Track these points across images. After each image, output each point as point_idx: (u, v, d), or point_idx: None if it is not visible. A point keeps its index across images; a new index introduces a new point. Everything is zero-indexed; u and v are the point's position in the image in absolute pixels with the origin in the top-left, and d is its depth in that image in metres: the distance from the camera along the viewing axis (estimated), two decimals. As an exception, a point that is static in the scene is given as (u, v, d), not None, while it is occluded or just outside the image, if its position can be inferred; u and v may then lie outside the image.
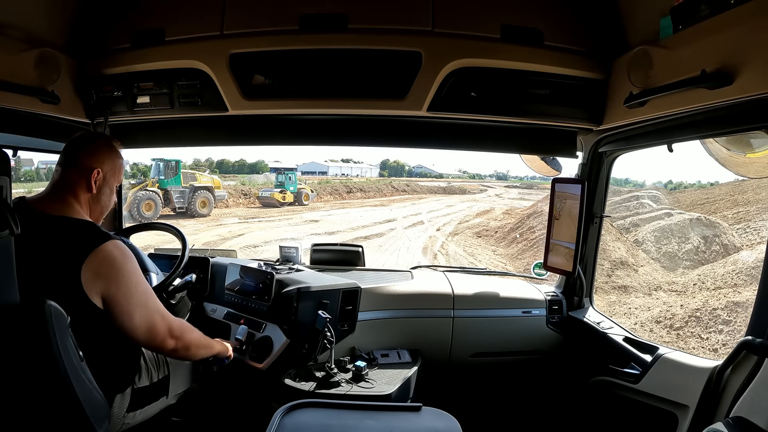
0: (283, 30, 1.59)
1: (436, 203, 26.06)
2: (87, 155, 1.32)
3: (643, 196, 15.10)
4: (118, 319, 1.22)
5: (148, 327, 1.27)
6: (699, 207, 13.18)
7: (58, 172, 1.32)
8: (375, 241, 13.33)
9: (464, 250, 12.64)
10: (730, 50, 1.13)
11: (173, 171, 17.50)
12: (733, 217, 11.49)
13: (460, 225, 17.31)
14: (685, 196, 16.31)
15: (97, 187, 1.33)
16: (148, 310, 1.27)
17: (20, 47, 1.53)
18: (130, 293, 1.23)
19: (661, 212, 12.13)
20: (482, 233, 15.40)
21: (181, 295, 1.72)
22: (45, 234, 1.18)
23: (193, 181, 18.11)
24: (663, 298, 7.94)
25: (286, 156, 60.68)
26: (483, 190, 36.77)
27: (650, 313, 7.28)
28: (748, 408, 1.12)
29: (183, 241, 1.78)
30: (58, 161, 1.35)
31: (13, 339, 0.98)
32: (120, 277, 1.21)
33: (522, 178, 46.71)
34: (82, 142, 1.35)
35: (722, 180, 15.76)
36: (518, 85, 1.62)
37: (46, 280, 1.12)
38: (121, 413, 1.27)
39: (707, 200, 14.34)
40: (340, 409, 1.27)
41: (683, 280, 8.53)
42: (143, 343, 1.29)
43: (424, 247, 12.83)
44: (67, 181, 1.30)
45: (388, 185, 33.93)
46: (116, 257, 1.21)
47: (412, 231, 15.85)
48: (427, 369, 1.97)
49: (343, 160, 49.28)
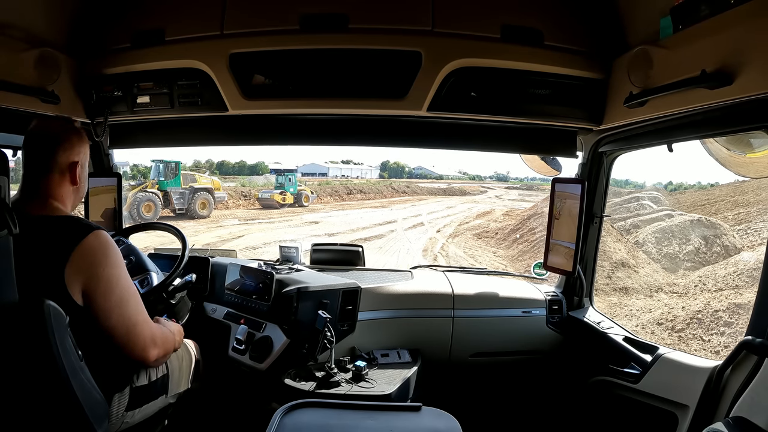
0: (283, 30, 1.59)
1: (436, 205, 26.03)
2: (64, 151, 1.24)
3: (644, 198, 15.04)
4: (96, 317, 1.15)
5: (127, 329, 1.18)
6: (699, 208, 13.12)
7: (34, 177, 1.22)
8: (375, 243, 13.27)
9: (464, 252, 12.60)
10: (730, 50, 1.13)
11: (173, 172, 17.52)
12: (734, 218, 11.47)
13: (461, 226, 17.32)
14: (685, 198, 16.25)
15: (79, 178, 1.28)
16: (127, 311, 1.18)
17: (20, 47, 1.53)
18: (109, 289, 1.15)
19: (662, 213, 12.08)
20: (482, 234, 15.35)
21: (181, 295, 1.73)
22: (27, 235, 1.08)
23: (193, 182, 18.14)
24: (664, 300, 7.89)
25: (287, 157, 60.69)
26: (483, 192, 36.85)
27: (651, 315, 7.23)
28: (748, 408, 1.12)
29: (183, 241, 1.79)
30: (30, 163, 1.23)
31: (12, 338, 0.98)
32: (98, 270, 1.14)
33: (522, 179, 46.84)
34: (55, 140, 1.24)
35: (722, 181, 15.72)
36: (518, 85, 1.63)
37: (31, 283, 1.06)
38: (120, 412, 1.27)
39: (707, 201, 14.29)
40: (340, 409, 1.27)
41: (684, 281, 8.50)
42: (122, 347, 1.19)
43: (425, 249, 12.78)
44: (47, 186, 1.22)
45: (388, 186, 34.00)
46: (95, 249, 1.14)
47: (413, 232, 15.83)
48: (427, 369, 1.97)
49: (344, 162, 49.33)
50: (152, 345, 1.24)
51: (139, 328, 1.21)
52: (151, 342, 1.24)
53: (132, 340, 1.20)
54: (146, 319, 1.25)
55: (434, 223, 18.37)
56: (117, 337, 1.18)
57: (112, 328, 1.17)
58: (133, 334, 1.20)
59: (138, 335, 1.21)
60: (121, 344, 1.19)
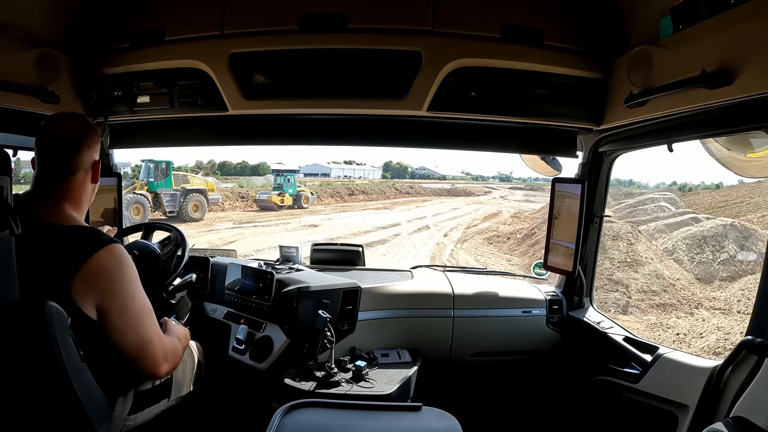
0: (283, 30, 1.59)
1: (441, 206, 25.23)
2: (87, 150, 1.22)
3: (659, 199, 14.45)
4: (110, 334, 1.13)
5: (141, 346, 1.16)
6: (719, 210, 12.48)
7: (51, 178, 1.19)
8: (378, 249, 12.59)
9: (476, 260, 11.63)
10: (730, 50, 1.13)
11: (163, 173, 16.64)
12: (758, 221, 10.83)
13: (469, 230, 16.43)
14: (700, 199, 15.45)
15: (98, 174, 1.26)
16: (143, 329, 1.17)
17: (20, 47, 1.53)
18: (125, 307, 1.14)
19: (687, 217, 11.41)
20: (493, 239, 14.51)
21: (181, 295, 1.73)
22: (37, 242, 1.08)
23: (185, 183, 17.19)
24: (709, 320, 7.10)
25: (289, 158, 60.49)
26: (487, 192, 36.33)
27: (705, 342, 6.42)
28: (748, 408, 1.12)
29: (183, 241, 1.79)
30: (49, 165, 1.20)
31: (13, 338, 0.97)
32: (114, 288, 1.12)
33: (525, 179, 46.63)
34: (78, 140, 1.21)
35: (726, 182, 15.25)
36: (518, 85, 1.63)
37: (35, 291, 1.03)
38: (123, 416, 1.26)
39: (726, 203, 13.74)
40: (340, 408, 1.27)
41: (724, 295, 7.91)
42: (134, 362, 1.17)
43: (432, 256, 11.94)
44: (67, 187, 1.19)
45: (391, 187, 33.54)
46: (110, 266, 1.12)
47: (418, 237, 14.90)
48: (427, 369, 1.97)
49: (346, 162, 49.12)
50: (164, 361, 1.22)
51: (152, 347, 1.19)
52: (163, 359, 1.22)
53: (144, 357, 1.18)
54: (160, 336, 1.23)
55: (440, 226, 17.42)
56: (130, 353, 1.16)
57: (127, 345, 1.15)
58: (146, 351, 1.18)
59: (151, 353, 1.19)
60: (133, 360, 1.18)
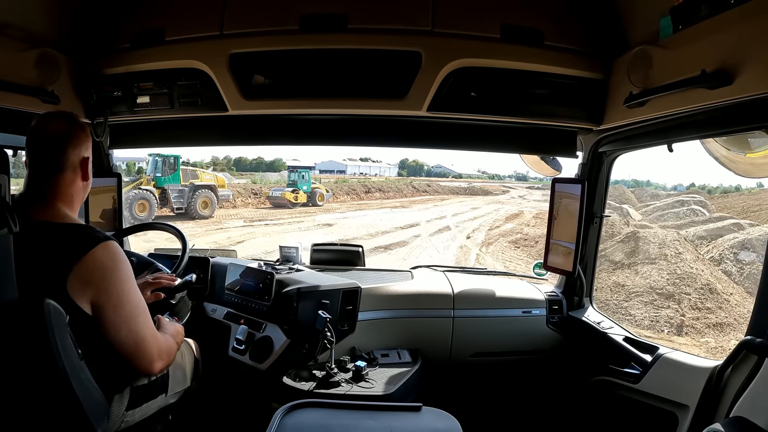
0: (283, 30, 1.59)
1: (460, 205, 24.27)
2: (74, 148, 1.22)
3: (689, 202, 13.83)
4: (105, 330, 1.14)
5: (135, 343, 1.17)
6: (754, 214, 11.85)
7: (42, 177, 1.19)
8: (398, 252, 11.73)
9: (505, 266, 10.09)
10: (730, 50, 1.13)
11: (171, 168, 16.16)
12: None
13: (492, 231, 15.49)
14: (729, 201, 14.71)
15: (89, 173, 1.27)
16: (137, 326, 1.17)
17: (20, 47, 1.53)
18: (120, 303, 1.14)
19: (728, 222, 10.72)
20: (520, 242, 13.45)
21: (181, 295, 1.72)
22: (31, 241, 1.09)
23: (194, 179, 16.84)
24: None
25: (305, 154, 60.04)
26: (505, 191, 35.67)
27: None
28: (748, 408, 1.12)
29: (183, 241, 1.78)
30: (38, 164, 1.20)
31: (12, 336, 0.98)
32: (109, 285, 1.13)
33: (542, 179, 45.99)
34: (64, 137, 1.21)
35: (744, 184, 14.65)
36: (518, 85, 1.63)
37: (34, 288, 1.04)
38: (121, 411, 1.27)
39: (760, 207, 13.15)
40: (340, 409, 1.27)
41: None
42: (128, 359, 1.18)
43: (457, 261, 10.90)
44: (57, 186, 1.20)
45: (408, 185, 32.95)
46: (105, 263, 1.12)
47: (439, 238, 14.01)
48: (427, 369, 1.97)
49: (362, 159, 48.88)
50: (158, 359, 1.23)
51: (146, 344, 1.20)
52: (157, 356, 1.23)
53: (139, 355, 1.19)
54: (154, 333, 1.24)
55: (461, 227, 16.50)
56: (125, 350, 1.17)
57: (121, 342, 1.16)
58: (141, 348, 1.19)
59: (146, 350, 1.20)
60: (127, 357, 1.18)
